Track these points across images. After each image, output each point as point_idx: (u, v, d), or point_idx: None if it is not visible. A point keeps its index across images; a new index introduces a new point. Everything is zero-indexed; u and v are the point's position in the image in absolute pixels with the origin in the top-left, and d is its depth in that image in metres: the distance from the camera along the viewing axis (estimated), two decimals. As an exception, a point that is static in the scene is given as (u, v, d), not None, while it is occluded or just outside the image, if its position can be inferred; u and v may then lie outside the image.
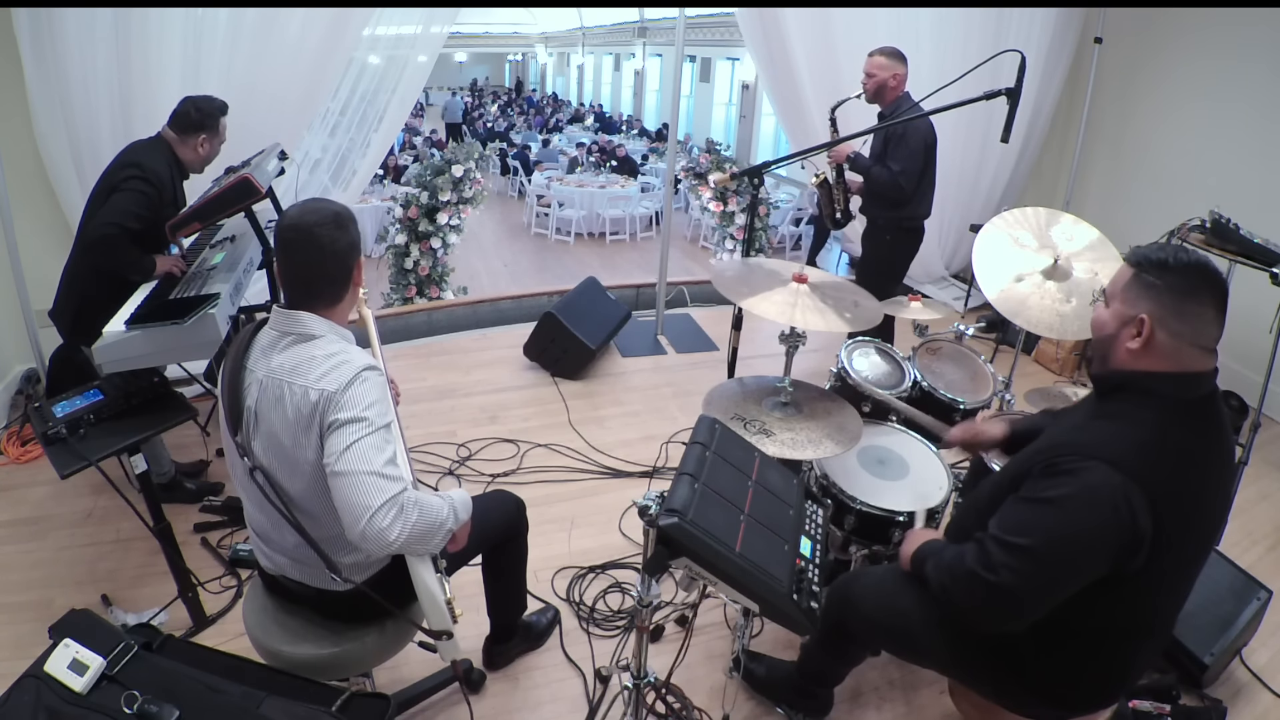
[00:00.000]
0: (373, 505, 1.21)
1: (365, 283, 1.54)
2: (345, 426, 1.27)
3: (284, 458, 1.34)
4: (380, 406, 1.32)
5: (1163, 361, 1.28)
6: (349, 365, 1.32)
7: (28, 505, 2.64)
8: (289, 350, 1.36)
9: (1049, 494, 1.26)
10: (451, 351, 4.03)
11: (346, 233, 1.39)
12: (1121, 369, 1.32)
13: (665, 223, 4.30)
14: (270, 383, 1.34)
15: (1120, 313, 1.32)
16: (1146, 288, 1.28)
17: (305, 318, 1.37)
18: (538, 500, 1.92)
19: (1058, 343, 3.92)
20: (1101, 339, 1.36)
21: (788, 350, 2.04)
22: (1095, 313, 1.39)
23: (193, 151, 2.34)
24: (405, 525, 1.23)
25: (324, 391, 1.29)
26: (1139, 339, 1.28)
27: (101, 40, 2.90)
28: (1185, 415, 1.28)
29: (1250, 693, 2.13)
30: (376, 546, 1.23)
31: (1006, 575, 1.24)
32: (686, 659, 1.77)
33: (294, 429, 1.31)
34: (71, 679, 1.12)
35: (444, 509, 1.34)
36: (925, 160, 3.11)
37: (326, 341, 1.37)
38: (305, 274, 1.38)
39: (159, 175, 2.27)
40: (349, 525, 1.23)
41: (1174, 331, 1.26)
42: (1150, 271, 1.28)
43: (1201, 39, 3.90)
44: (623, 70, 20.71)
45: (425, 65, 3.83)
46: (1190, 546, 1.32)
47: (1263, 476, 3.13)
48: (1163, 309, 1.26)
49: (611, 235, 9.37)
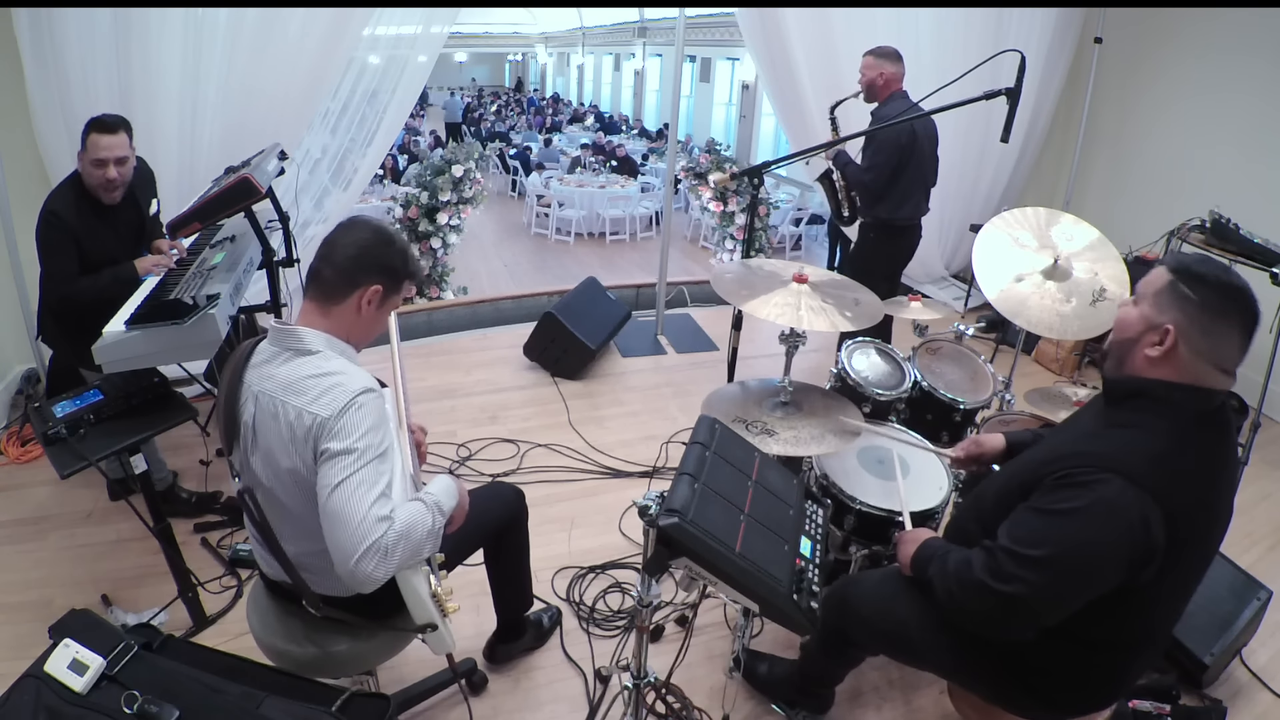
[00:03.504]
0: (357, 550, 1.19)
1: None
2: (337, 459, 1.24)
3: (281, 474, 1.33)
4: (375, 434, 1.28)
5: (1179, 374, 1.25)
6: (343, 389, 1.28)
7: (28, 505, 2.64)
8: (285, 365, 1.34)
9: (1063, 506, 1.24)
10: (451, 351, 4.03)
11: (382, 243, 1.40)
12: (1137, 375, 1.30)
13: (665, 223, 4.30)
14: (265, 399, 1.33)
15: (1147, 316, 1.28)
16: (1179, 298, 1.24)
17: (301, 331, 1.36)
18: (538, 500, 1.92)
19: (1058, 343, 3.92)
20: (1122, 340, 1.33)
21: (788, 350, 2.04)
22: (1121, 311, 1.35)
23: (79, 165, 2.27)
24: (389, 564, 1.22)
25: (317, 417, 1.26)
26: (1160, 348, 1.25)
27: (101, 40, 2.89)
28: (1199, 427, 1.26)
29: (1250, 693, 2.13)
30: (363, 587, 1.22)
31: (1018, 587, 1.24)
32: (686, 659, 1.77)
33: (289, 446, 1.30)
34: (71, 679, 1.12)
35: (427, 519, 1.31)
36: (900, 159, 3.09)
37: (323, 358, 1.34)
38: (324, 250, 1.39)
39: (53, 211, 2.22)
40: (337, 563, 1.22)
41: (1197, 348, 1.24)
42: (1187, 283, 1.24)
43: (1201, 39, 3.90)
44: (623, 70, 20.70)
45: (425, 65, 3.83)
46: (1197, 557, 1.32)
47: (1263, 476, 3.13)
48: (1190, 323, 1.23)
49: (611, 235, 9.36)
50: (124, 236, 2.42)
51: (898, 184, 3.15)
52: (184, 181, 3.20)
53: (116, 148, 2.21)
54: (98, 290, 2.26)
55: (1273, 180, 3.56)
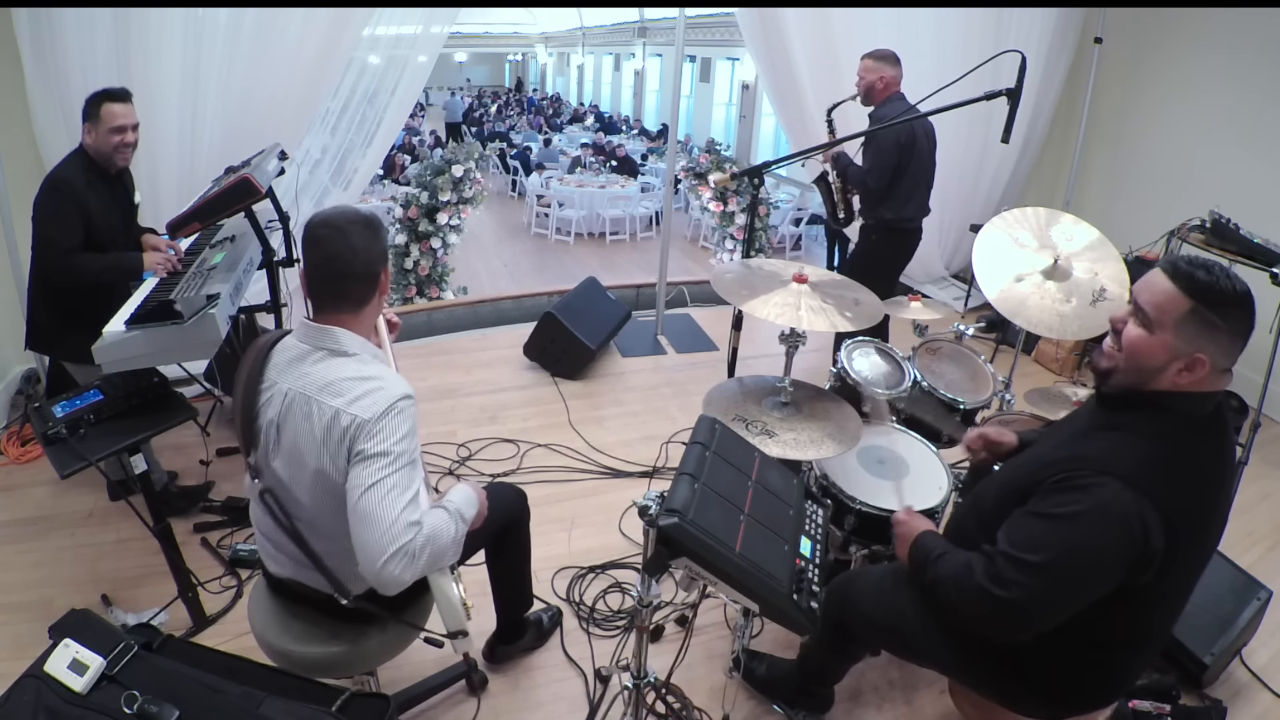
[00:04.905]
0: (386, 552, 1.20)
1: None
2: (372, 460, 1.25)
3: (304, 473, 1.33)
4: (410, 440, 1.30)
5: (1194, 386, 1.24)
6: (384, 393, 1.29)
7: (28, 505, 2.64)
8: (321, 365, 1.33)
9: (1061, 510, 1.23)
10: (451, 351, 4.03)
11: (376, 236, 1.38)
12: (1160, 391, 1.26)
13: (665, 223, 4.30)
14: (298, 397, 1.32)
15: (1172, 347, 1.22)
16: (1208, 327, 1.19)
17: (338, 333, 1.35)
18: (538, 500, 1.92)
19: (1058, 343, 3.92)
20: (1143, 369, 1.26)
21: (788, 350, 2.04)
22: (1134, 339, 1.26)
23: (90, 139, 2.31)
24: (416, 568, 1.24)
25: (356, 418, 1.27)
26: (1189, 374, 1.22)
27: (101, 41, 2.89)
28: (1197, 429, 1.26)
29: (1250, 693, 2.13)
30: (387, 588, 1.23)
31: (1016, 591, 1.23)
32: (686, 659, 1.76)
33: (319, 447, 1.30)
34: (71, 679, 1.12)
35: (450, 527, 1.33)
36: (900, 160, 3.09)
37: (360, 362, 1.34)
38: (334, 271, 1.34)
39: (64, 179, 2.24)
40: (362, 563, 1.23)
41: (1220, 366, 1.23)
42: (1212, 309, 1.19)
43: (1201, 39, 3.90)
44: (623, 70, 20.70)
45: (425, 65, 3.83)
46: (1196, 558, 1.32)
47: (1263, 476, 3.13)
48: (1219, 350, 1.21)
49: (611, 235, 9.37)
50: (126, 210, 2.47)
51: (900, 184, 3.15)
52: (184, 181, 3.20)
53: (130, 115, 2.34)
54: (100, 269, 2.28)
55: (1273, 180, 3.56)
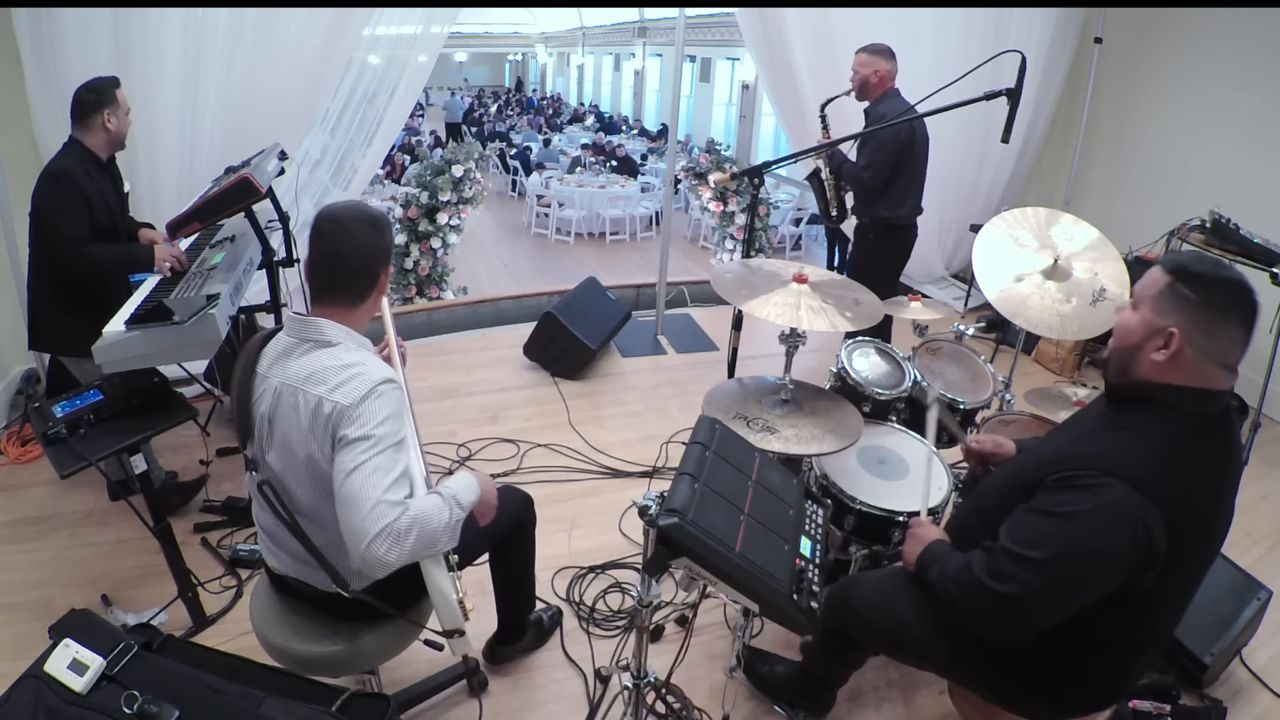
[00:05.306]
0: (370, 533, 1.20)
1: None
2: (354, 445, 1.26)
3: (296, 466, 1.34)
4: (393, 423, 1.30)
5: (1185, 376, 1.24)
6: (364, 378, 1.30)
7: (28, 505, 2.64)
8: (305, 357, 1.35)
9: (1064, 509, 1.23)
10: (451, 351, 4.03)
11: (381, 234, 1.40)
12: (1145, 380, 1.28)
13: (665, 223, 4.30)
14: (285, 389, 1.34)
15: (1149, 321, 1.26)
16: (1179, 300, 1.23)
17: (322, 323, 1.37)
18: (538, 500, 1.92)
19: (1058, 343, 3.92)
20: (1125, 347, 1.30)
21: (788, 350, 2.04)
22: (1120, 317, 1.33)
23: (102, 132, 2.30)
24: (402, 550, 1.23)
25: (337, 404, 1.28)
26: (1165, 351, 1.23)
27: (101, 40, 2.89)
28: (1204, 431, 1.26)
29: (1250, 693, 2.13)
30: (375, 570, 1.23)
31: (1015, 587, 1.23)
32: (686, 659, 1.76)
33: (306, 437, 1.31)
34: (71, 679, 1.12)
35: (443, 511, 1.32)
36: (899, 157, 3.09)
37: (344, 349, 1.36)
38: (333, 264, 1.37)
39: (63, 169, 2.23)
40: (350, 548, 1.23)
41: (1202, 348, 1.22)
42: (1186, 283, 1.22)
43: (1201, 39, 3.91)
44: (623, 70, 20.70)
45: (425, 65, 3.83)
46: (1199, 560, 1.32)
47: (1263, 476, 3.13)
48: (1194, 325, 1.22)
49: (611, 235, 9.36)
50: (119, 199, 2.48)
51: (897, 182, 3.15)
52: (184, 181, 3.20)
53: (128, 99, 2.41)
54: (113, 259, 2.30)
55: (1273, 180, 3.56)
